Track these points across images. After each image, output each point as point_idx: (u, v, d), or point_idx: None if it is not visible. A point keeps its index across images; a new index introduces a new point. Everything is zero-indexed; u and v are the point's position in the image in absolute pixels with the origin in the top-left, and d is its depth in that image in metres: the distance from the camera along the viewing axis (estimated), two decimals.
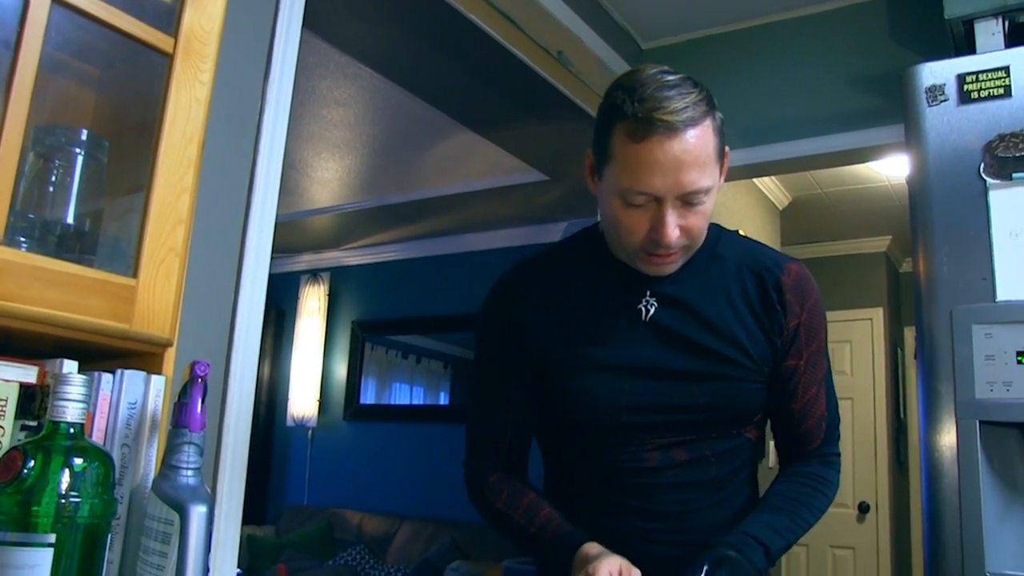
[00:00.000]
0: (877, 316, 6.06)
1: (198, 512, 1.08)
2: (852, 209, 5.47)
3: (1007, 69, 2.08)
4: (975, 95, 2.09)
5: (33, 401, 1.14)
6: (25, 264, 1.07)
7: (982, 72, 2.10)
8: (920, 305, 2.10)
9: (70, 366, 1.16)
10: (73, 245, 1.25)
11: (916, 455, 5.82)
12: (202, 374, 1.18)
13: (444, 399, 6.78)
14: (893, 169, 4.59)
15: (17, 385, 1.12)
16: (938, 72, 2.17)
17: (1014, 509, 1.96)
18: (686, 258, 1.46)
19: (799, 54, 3.32)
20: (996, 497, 1.95)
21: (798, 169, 3.85)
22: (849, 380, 5.86)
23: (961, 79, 2.12)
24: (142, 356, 1.25)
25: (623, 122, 1.33)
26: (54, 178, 1.27)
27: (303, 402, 6.99)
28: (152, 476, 1.21)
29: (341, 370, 7.03)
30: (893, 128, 2.83)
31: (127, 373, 1.22)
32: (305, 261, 7.38)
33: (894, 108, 2.52)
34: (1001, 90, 2.07)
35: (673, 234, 1.36)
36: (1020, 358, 1.92)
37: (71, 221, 1.26)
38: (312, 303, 7.20)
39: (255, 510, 6.75)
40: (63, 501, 1.01)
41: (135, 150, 1.31)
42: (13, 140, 1.06)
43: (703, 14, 3.45)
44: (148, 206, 1.22)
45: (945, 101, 2.13)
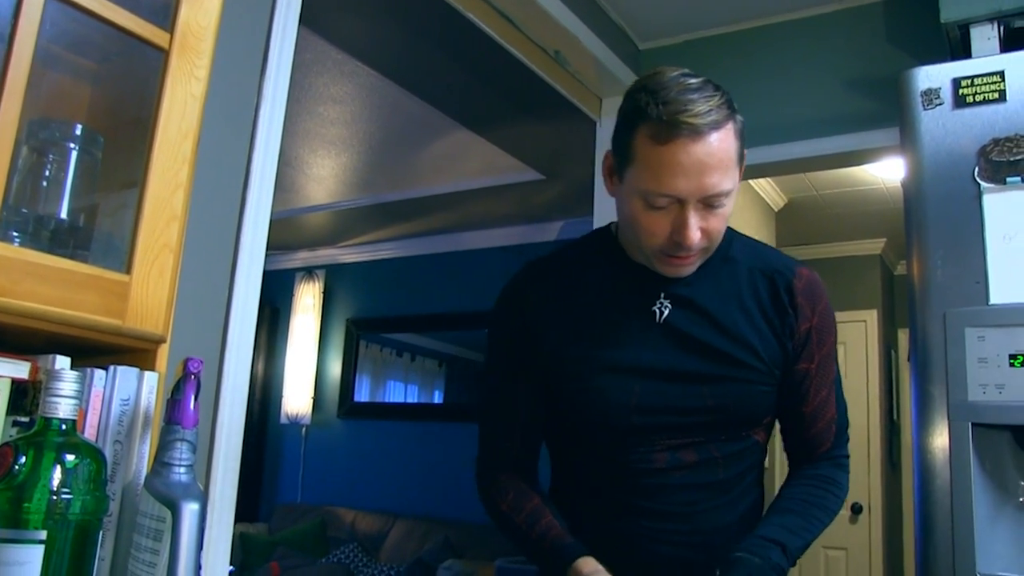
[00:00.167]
0: (871, 318, 6.06)
1: (190, 509, 1.08)
2: (847, 211, 5.47)
3: (1002, 74, 2.08)
4: (970, 99, 2.10)
5: (25, 397, 1.14)
6: (18, 259, 1.07)
7: (977, 76, 2.10)
8: (914, 308, 2.11)
9: (62, 362, 1.16)
10: (67, 240, 1.24)
11: (909, 457, 5.81)
12: (195, 371, 1.18)
13: (438, 397, 6.77)
14: (888, 172, 4.60)
15: (9, 381, 1.12)
16: (934, 76, 2.17)
17: (1005, 511, 1.97)
18: (703, 260, 1.46)
19: (796, 56, 3.32)
20: (988, 499, 1.95)
21: (794, 171, 3.85)
22: (843, 382, 5.82)
23: (956, 83, 2.13)
24: (135, 352, 1.25)
25: (647, 124, 1.33)
26: (48, 173, 1.26)
27: (297, 400, 6.98)
28: (144, 473, 1.20)
29: (335, 368, 7.02)
30: (888, 131, 2.83)
31: (120, 369, 1.22)
32: (300, 258, 7.37)
33: (890, 111, 2.52)
34: (996, 94, 2.07)
35: (695, 236, 1.36)
36: (1013, 361, 1.92)
37: (65, 216, 1.26)
38: (307, 300, 7.19)
39: (248, 508, 6.74)
40: (55, 498, 1.01)
41: (130, 145, 1.31)
42: (7, 134, 1.06)
43: (701, 15, 3.45)
44: (142, 202, 1.22)
45: (940, 105, 2.13)
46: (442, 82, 4.12)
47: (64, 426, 1.05)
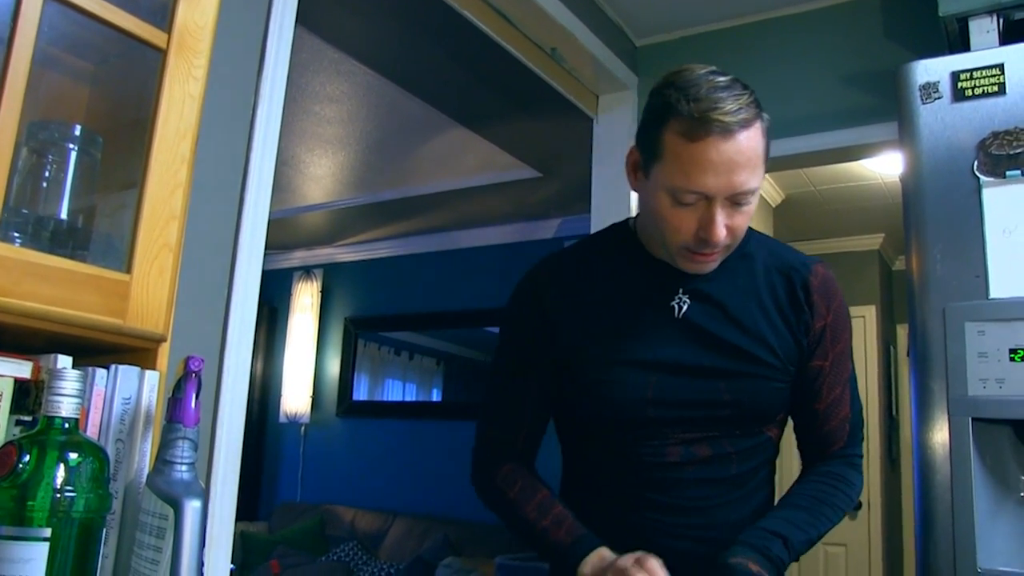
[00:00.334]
0: (870, 314, 6.07)
1: (192, 507, 1.08)
2: (845, 207, 5.47)
3: (1001, 67, 2.08)
4: (969, 92, 2.10)
5: (28, 396, 1.14)
6: (19, 259, 1.07)
7: (976, 70, 2.10)
8: (913, 303, 2.11)
9: (64, 361, 1.16)
10: (66, 241, 1.25)
11: (908, 452, 5.83)
12: (196, 369, 1.18)
13: (436, 395, 6.78)
14: (886, 167, 4.60)
15: (12, 380, 1.12)
16: (932, 69, 2.17)
17: (1006, 506, 1.97)
18: (724, 257, 1.47)
19: (793, 51, 3.32)
20: (988, 494, 1.95)
21: (792, 166, 3.85)
22: None
23: (955, 76, 2.12)
24: (136, 351, 1.25)
25: (677, 121, 1.33)
26: (48, 173, 1.26)
27: (296, 399, 6.98)
28: (146, 471, 1.21)
29: (334, 366, 7.02)
30: (887, 126, 2.83)
31: (121, 368, 1.22)
32: (298, 257, 7.37)
33: (888, 105, 2.52)
34: (995, 88, 2.07)
35: (721, 233, 1.37)
36: (1013, 355, 1.93)
37: (65, 217, 1.26)
38: (305, 299, 7.19)
39: (248, 506, 6.75)
40: (58, 496, 1.01)
41: (129, 146, 1.31)
42: (7, 136, 1.06)
43: (697, 11, 3.44)
44: (142, 202, 1.22)
45: (939, 99, 2.13)
46: (439, 80, 4.12)
47: (67, 425, 1.05)
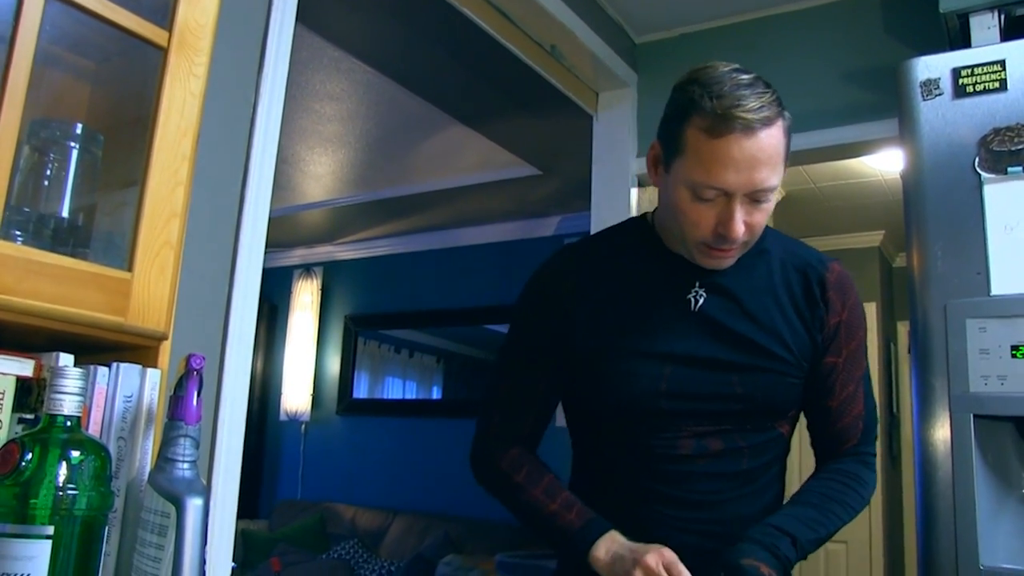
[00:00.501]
0: (870, 311, 6.06)
1: (194, 505, 1.08)
2: (845, 204, 5.47)
3: (1003, 63, 2.08)
4: (970, 89, 2.09)
5: (30, 394, 1.14)
6: (20, 257, 1.07)
7: (977, 66, 2.10)
8: (914, 299, 2.11)
9: (66, 359, 1.16)
10: (68, 239, 1.25)
11: (909, 450, 5.83)
12: (197, 367, 1.18)
13: (437, 393, 6.78)
14: (886, 164, 4.60)
15: (13, 378, 1.12)
16: (933, 66, 2.16)
17: (1008, 503, 1.97)
18: (742, 253, 1.48)
19: (793, 49, 3.31)
20: (990, 491, 1.95)
21: (792, 163, 3.81)
22: None
23: (956, 73, 2.12)
24: (137, 349, 1.25)
25: (700, 117, 1.34)
26: (49, 172, 1.27)
27: (296, 396, 6.98)
28: (148, 469, 1.21)
29: (334, 364, 7.02)
30: (887, 122, 2.82)
31: (123, 366, 1.22)
32: (298, 256, 7.37)
33: (888, 102, 2.52)
34: (996, 84, 2.07)
35: (740, 229, 1.38)
36: (1014, 352, 1.92)
37: (66, 215, 1.26)
38: (305, 298, 7.19)
39: (249, 504, 6.74)
40: (60, 494, 1.01)
41: (130, 143, 1.31)
42: (9, 134, 1.06)
43: (697, 8, 3.44)
44: (143, 199, 1.22)
45: (940, 95, 2.13)
46: (439, 78, 4.12)
47: (69, 423, 1.05)
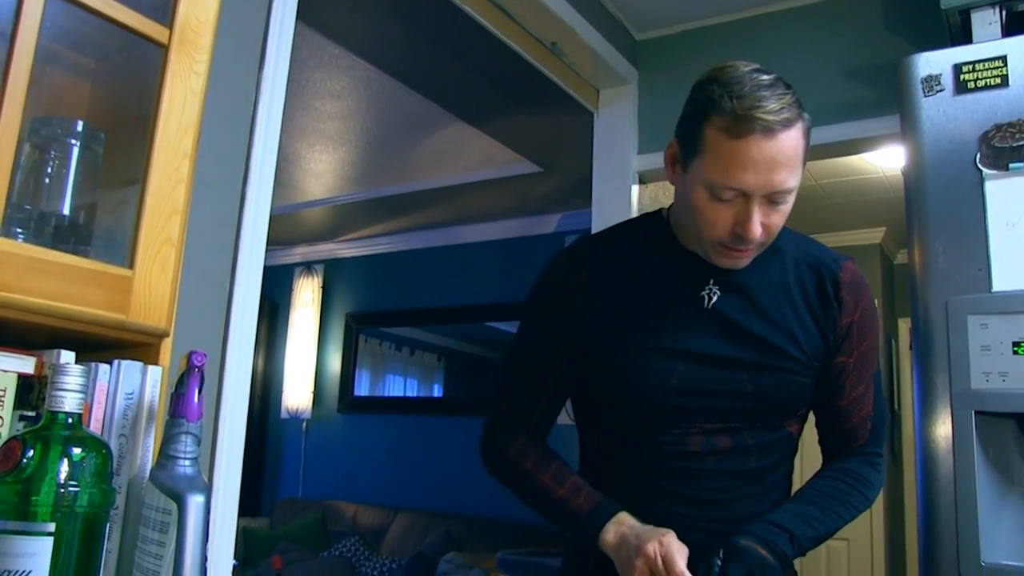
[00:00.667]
0: None
1: (196, 502, 1.08)
2: (846, 201, 5.46)
3: (1004, 59, 2.07)
4: (971, 85, 2.09)
5: (31, 391, 1.14)
6: (21, 255, 1.07)
7: (979, 62, 2.09)
8: (915, 296, 2.10)
9: (67, 357, 1.16)
10: (69, 236, 1.25)
11: (910, 447, 5.83)
12: (199, 364, 1.18)
13: (438, 391, 6.78)
14: (887, 160, 4.59)
15: (15, 376, 1.12)
16: (934, 62, 2.16)
17: (1009, 500, 1.97)
18: (757, 253, 1.48)
19: (794, 45, 3.31)
20: (991, 488, 1.95)
21: None
22: None
23: (957, 69, 2.12)
24: (138, 347, 1.25)
25: (720, 117, 1.34)
26: (50, 169, 1.27)
27: (297, 394, 6.99)
28: (149, 466, 1.21)
29: (335, 362, 7.02)
30: (888, 119, 2.82)
31: (124, 364, 1.22)
32: (299, 253, 7.37)
33: (890, 99, 2.51)
34: (998, 80, 2.06)
35: (757, 230, 1.38)
36: (1016, 348, 1.92)
37: (67, 212, 1.26)
38: (306, 295, 7.20)
39: (250, 502, 6.75)
40: (62, 491, 1.01)
41: (131, 141, 1.31)
42: (10, 132, 1.06)
43: (697, 5, 3.43)
44: (144, 197, 1.22)
45: (941, 91, 2.13)
46: (439, 76, 4.12)
47: (70, 420, 1.05)
